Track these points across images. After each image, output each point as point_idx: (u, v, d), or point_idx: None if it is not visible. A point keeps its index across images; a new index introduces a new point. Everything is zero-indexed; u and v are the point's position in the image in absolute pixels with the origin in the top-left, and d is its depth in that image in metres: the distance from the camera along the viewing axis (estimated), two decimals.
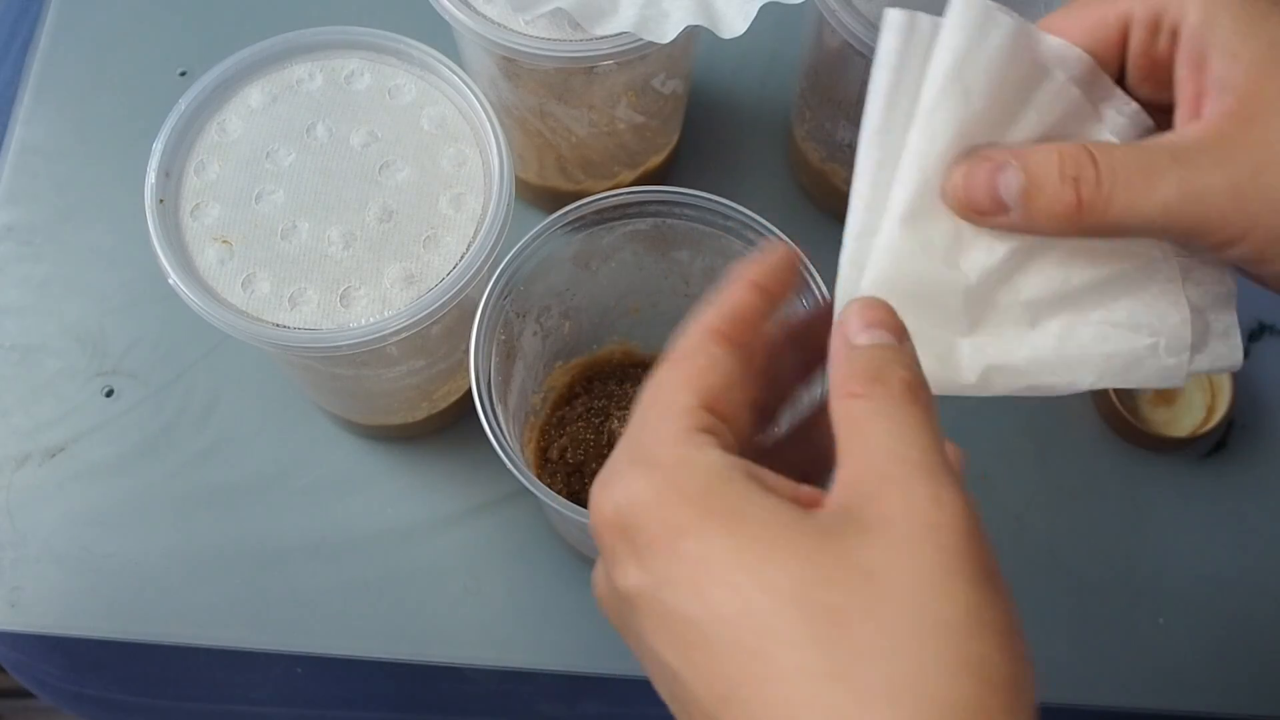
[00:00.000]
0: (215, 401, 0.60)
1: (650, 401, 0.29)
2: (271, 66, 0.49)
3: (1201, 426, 0.59)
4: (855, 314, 0.30)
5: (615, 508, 0.26)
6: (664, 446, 0.27)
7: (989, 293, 0.32)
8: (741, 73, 0.68)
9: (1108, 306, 0.33)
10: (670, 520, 0.25)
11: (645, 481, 0.26)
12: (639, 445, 0.28)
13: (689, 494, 0.26)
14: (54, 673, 0.59)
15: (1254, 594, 0.57)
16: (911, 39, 0.31)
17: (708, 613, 0.24)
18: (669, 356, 0.30)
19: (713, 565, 0.24)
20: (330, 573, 0.56)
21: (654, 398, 0.29)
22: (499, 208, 0.46)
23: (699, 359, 0.29)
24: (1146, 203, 0.30)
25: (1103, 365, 0.32)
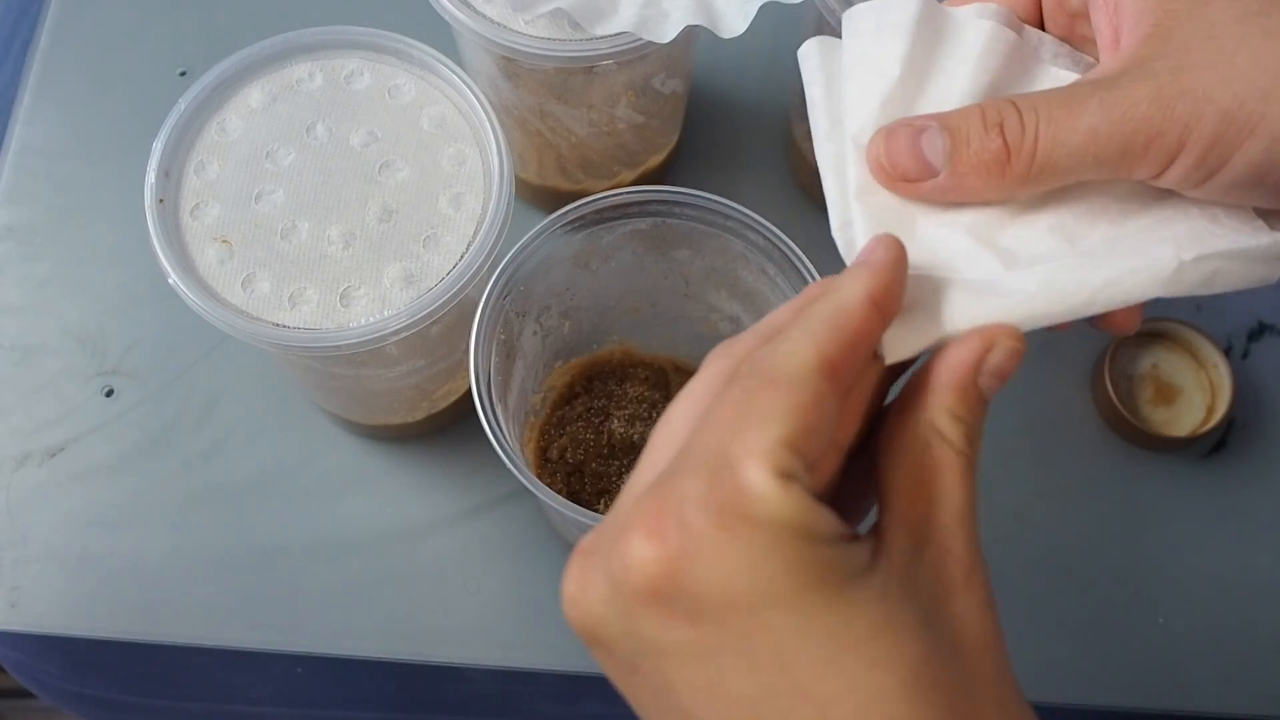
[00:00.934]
0: (215, 401, 0.60)
1: (733, 418, 0.24)
2: (271, 66, 0.49)
3: (1201, 426, 0.59)
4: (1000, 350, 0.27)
5: (672, 552, 0.23)
6: (750, 495, 0.23)
7: (1000, 235, 0.31)
8: (741, 73, 0.68)
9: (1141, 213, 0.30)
10: (757, 587, 0.23)
11: (723, 534, 0.23)
12: (712, 479, 0.24)
13: (781, 559, 0.23)
14: (54, 673, 0.59)
15: (1254, 594, 0.57)
16: (829, 51, 0.33)
17: (794, 689, 0.23)
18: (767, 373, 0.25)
19: (815, 642, 0.23)
20: (330, 573, 0.56)
21: (740, 415, 0.24)
22: (499, 207, 0.46)
23: (804, 393, 0.24)
24: (1073, 134, 0.28)
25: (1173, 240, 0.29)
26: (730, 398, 0.25)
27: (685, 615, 0.23)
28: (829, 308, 0.26)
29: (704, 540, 0.23)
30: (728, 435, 0.24)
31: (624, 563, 0.24)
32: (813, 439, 0.24)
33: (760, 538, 0.23)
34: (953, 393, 0.26)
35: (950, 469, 0.26)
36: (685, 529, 0.23)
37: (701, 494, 0.23)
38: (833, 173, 0.32)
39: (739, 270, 0.49)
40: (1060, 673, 0.55)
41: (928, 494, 0.26)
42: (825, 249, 0.50)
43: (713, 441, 0.24)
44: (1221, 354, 0.59)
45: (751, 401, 0.24)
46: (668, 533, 0.23)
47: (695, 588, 0.23)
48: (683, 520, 0.23)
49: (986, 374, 0.27)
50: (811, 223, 0.64)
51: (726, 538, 0.23)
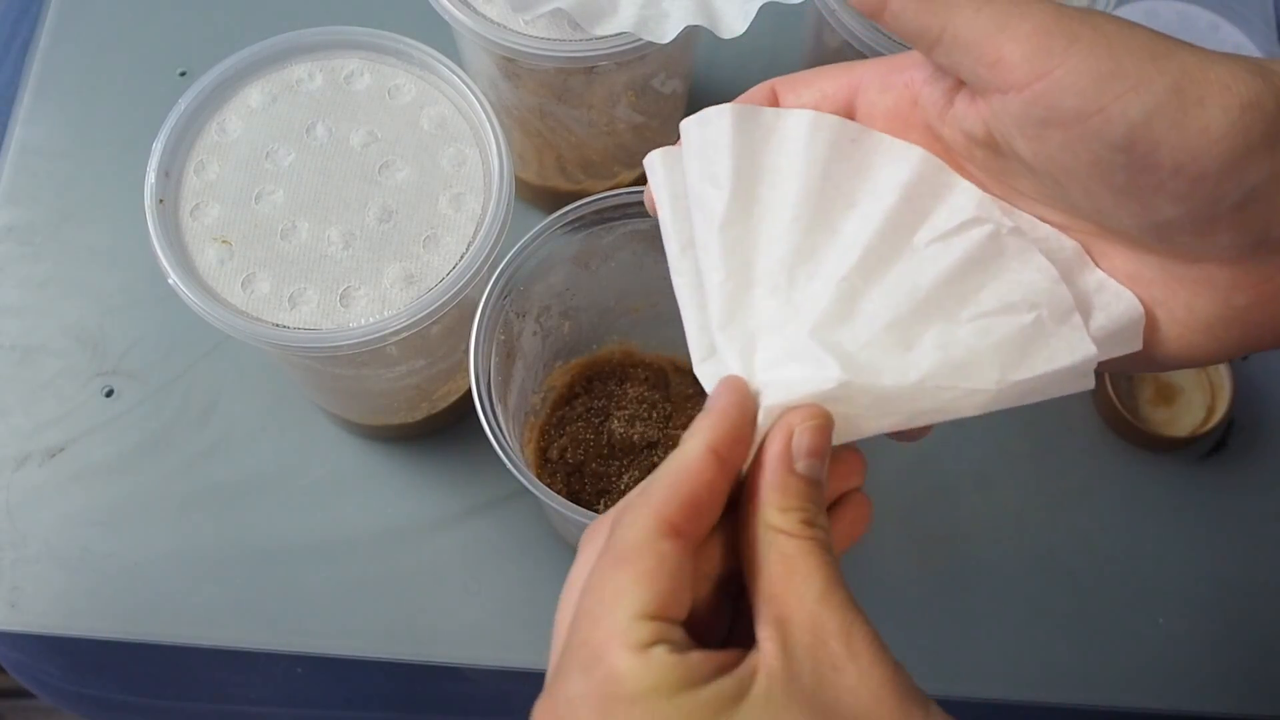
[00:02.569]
0: (215, 401, 0.60)
1: (592, 608, 0.27)
2: (271, 66, 0.49)
3: (1201, 426, 0.59)
4: (802, 432, 0.28)
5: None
6: (619, 678, 0.25)
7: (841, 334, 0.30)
8: (741, 73, 0.68)
9: (973, 300, 0.30)
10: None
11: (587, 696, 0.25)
12: (587, 676, 0.26)
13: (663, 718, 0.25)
14: (54, 673, 0.59)
15: (1254, 594, 0.57)
16: (672, 165, 0.32)
17: None
18: (614, 550, 0.27)
19: None
20: (330, 573, 0.56)
21: (596, 603, 0.26)
22: (499, 208, 0.46)
23: (646, 561, 0.26)
24: None
25: (997, 359, 0.29)
26: (590, 585, 0.27)
27: None
28: (670, 468, 0.28)
29: (573, 703, 0.25)
30: (590, 626, 0.26)
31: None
32: (666, 599, 0.26)
33: (638, 710, 0.25)
34: (773, 491, 0.28)
35: (798, 557, 0.27)
36: (563, 697, 0.26)
37: (583, 694, 0.25)
38: (692, 303, 0.31)
39: None
40: (1060, 673, 0.56)
41: (784, 590, 0.27)
42: None
43: (581, 635, 0.26)
44: None
45: (604, 585, 0.26)
46: (554, 703, 0.26)
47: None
48: (562, 687, 0.26)
49: (801, 459, 0.28)
50: None
51: (587, 698, 0.25)
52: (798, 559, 0.27)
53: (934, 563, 0.57)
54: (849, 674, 0.26)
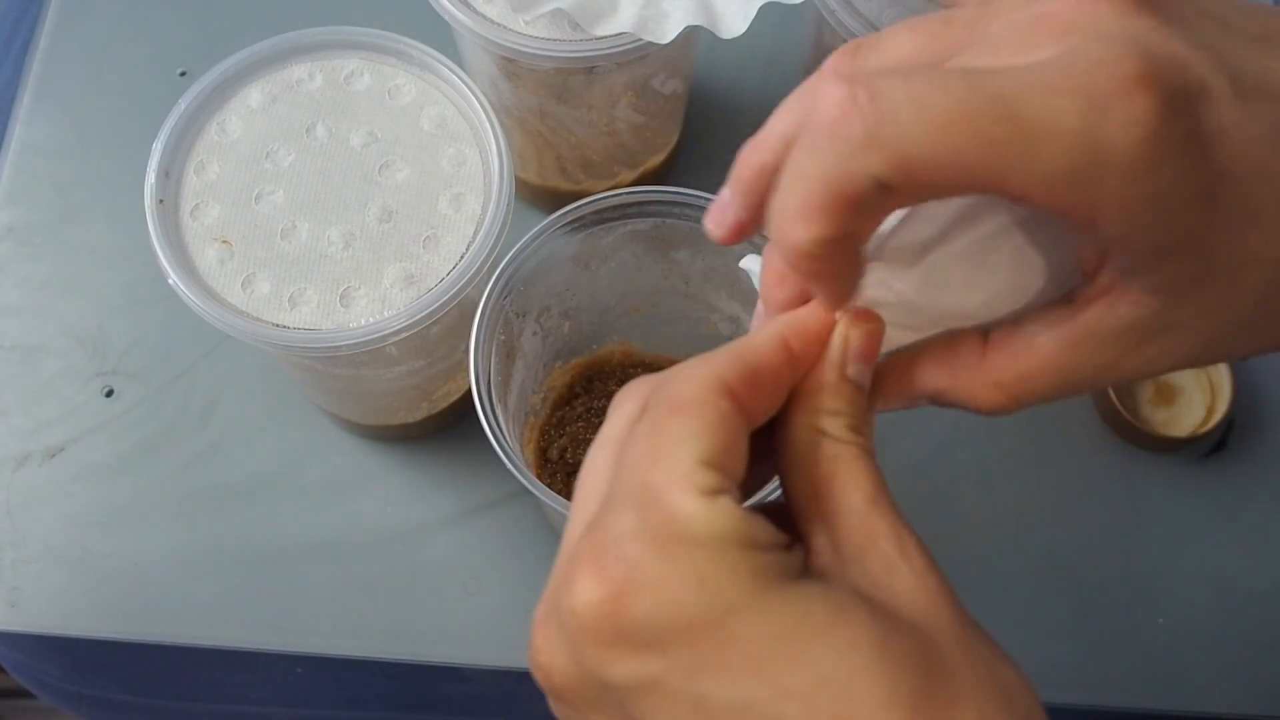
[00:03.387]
0: (215, 401, 0.60)
1: (646, 450, 0.25)
2: (271, 66, 0.49)
3: (1201, 426, 0.59)
4: (858, 337, 0.28)
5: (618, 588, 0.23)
6: (681, 517, 0.24)
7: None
8: (741, 73, 0.68)
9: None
10: (711, 600, 0.23)
11: (664, 559, 0.23)
12: (642, 512, 0.24)
13: (728, 569, 0.23)
14: (54, 673, 0.59)
15: (1254, 594, 0.57)
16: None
17: (776, 691, 0.23)
18: (669, 400, 0.25)
19: (781, 641, 0.23)
20: (330, 573, 0.56)
21: (651, 446, 0.25)
22: (499, 208, 0.46)
23: (707, 412, 0.25)
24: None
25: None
26: (641, 431, 0.26)
27: (650, 647, 0.23)
28: (734, 345, 0.27)
29: (647, 569, 0.23)
30: (646, 466, 0.25)
31: (574, 613, 0.24)
32: (727, 456, 0.25)
33: (701, 554, 0.23)
34: (826, 393, 0.27)
35: (847, 460, 0.26)
36: (626, 563, 0.23)
37: (634, 528, 0.24)
38: None
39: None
40: (1060, 673, 0.55)
41: (831, 492, 0.26)
42: None
43: (634, 476, 0.25)
44: None
45: (660, 430, 0.25)
46: (609, 571, 0.24)
47: (651, 617, 0.23)
48: (621, 556, 0.24)
49: (852, 364, 0.28)
50: None
51: (668, 562, 0.23)
52: (846, 462, 0.26)
53: None
54: (903, 576, 0.25)
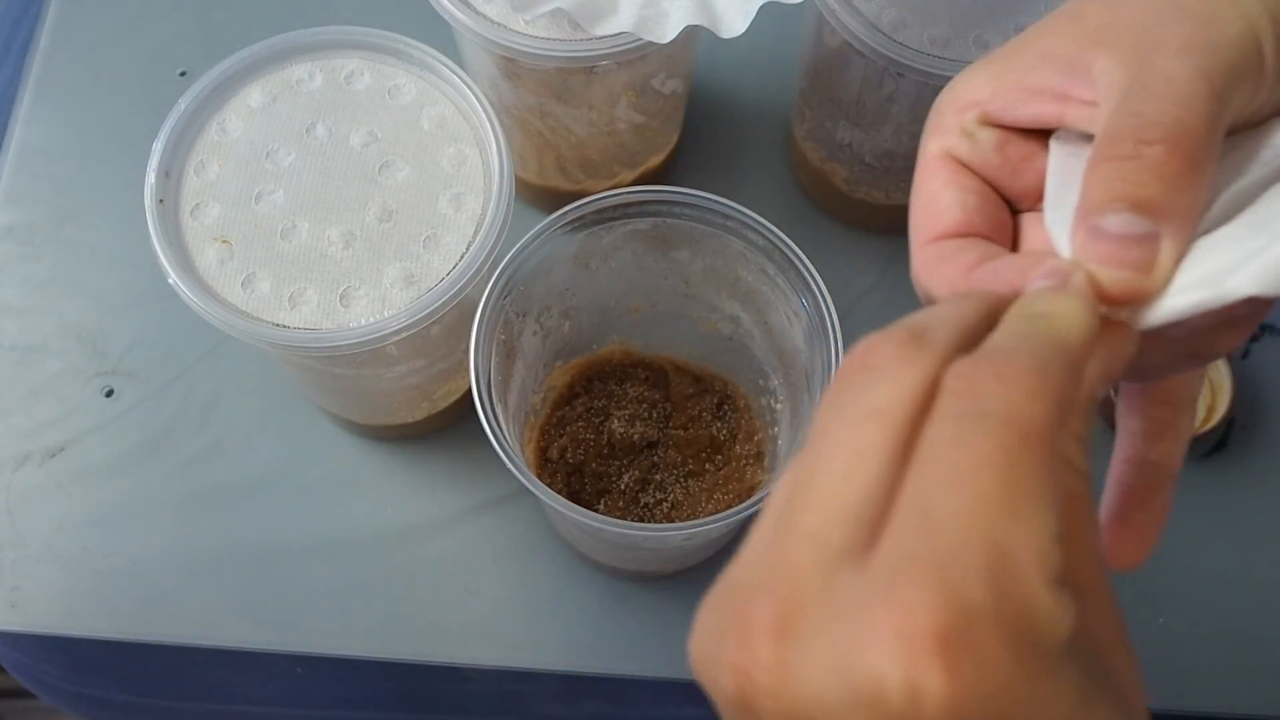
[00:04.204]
0: (215, 401, 0.60)
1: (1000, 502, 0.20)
2: (271, 66, 0.49)
3: (1201, 426, 0.59)
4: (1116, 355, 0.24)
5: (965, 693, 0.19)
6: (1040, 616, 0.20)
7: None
8: (741, 73, 0.68)
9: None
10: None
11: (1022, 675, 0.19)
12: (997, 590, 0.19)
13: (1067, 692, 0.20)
14: (54, 673, 0.59)
15: (1254, 594, 0.57)
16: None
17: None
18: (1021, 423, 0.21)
19: None
20: (330, 573, 0.56)
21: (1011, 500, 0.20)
22: (499, 208, 0.46)
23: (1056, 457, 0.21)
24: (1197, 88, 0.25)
25: None
26: (979, 453, 0.20)
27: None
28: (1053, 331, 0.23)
29: (999, 679, 0.19)
30: (1000, 521, 0.20)
31: (883, 681, 0.19)
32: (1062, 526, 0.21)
33: (1046, 671, 0.20)
34: (1078, 414, 0.23)
35: (1084, 502, 0.22)
36: (980, 662, 0.19)
37: (992, 609, 0.19)
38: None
39: (739, 270, 0.49)
40: None
41: (1078, 535, 0.22)
42: (825, 249, 0.50)
43: (977, 525, 0.20)
44: None
45: (1016, 472, 0.20)
46: (960, 662, 0.19)
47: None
48: (977, 648, 0.19)
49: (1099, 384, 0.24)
50: (811, 222, 0.65)
51: (1025, 678, 0.19)
52: (1085, 503, 0.22)
53: None
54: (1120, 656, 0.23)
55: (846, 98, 0.55)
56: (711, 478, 0.55)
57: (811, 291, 0.45)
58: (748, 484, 0.55)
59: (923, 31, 0.50)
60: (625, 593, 0.56)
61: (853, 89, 0.54)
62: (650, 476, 0.55)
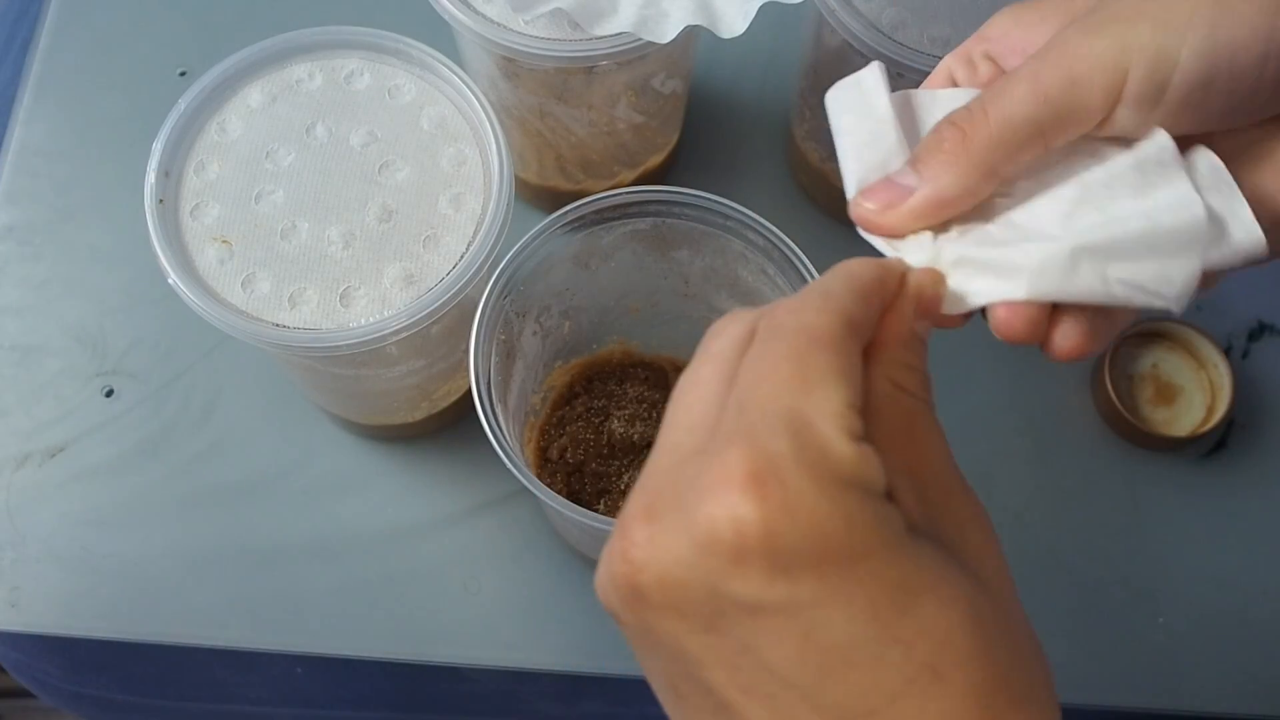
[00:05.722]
0: (215, 401, 0.60)
1: (791, 376, 0.25)
2: (271, 66, 0.49)
3: (1201, 426, 0.59)
4: (928, 297, 0.29)
5: (773, 511, 0.24)
6: (836, 456, 0.24)
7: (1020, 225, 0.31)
8: (741, 73, 0.68)
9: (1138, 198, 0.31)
10: (853, 542, 0.24)
11: (820, 493, 0.24)
12: (797, 440, 0.24)
13: (870, 516, 0.24)
14: (54, 673, 0.59)
15: (1254, 594, 0.57)
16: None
17: (884, 634, 0.24)
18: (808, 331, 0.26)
19: (898, 590, 0.24)
20: (330, 573, 0.56)
21: (798, 373, 0.25)
22: (499, 208, 0.46)
23: (849, 354, 0.26)
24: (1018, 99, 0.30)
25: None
26: (777, 354, 0.26)
27: (783, 573, 0.24)
28: (840, 276, 0.28)
29: (805, 499, 0.24)
30: (796, 395, 0.25)
31: (714, 522, 0.24)
32: (859, 400, 0.26)
33: (852, 497, 0.24)
34: (903, 346, 0.28)
35: (922, 415, 0.27)
36: (786, 489, 0.24)
37: (792, 453, 0.24)
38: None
39: (739, 270, 0.49)
40: (1060, 673, 0.55)
41: (911, 444, 0.27)
42: (825, 249, 0.49)
43: (778, 400, 0.25)
44: (1221, 354, 0.59)
45: (806, 361, 0.25)
46: (767, 490, 0.24)
47: (795, 545, 0.24)
48: (781, 479, 0.24)
49: (920, 319, 0.29)
50: (811, 222, 0.65)
51: (825, 498, 0.24)
52: (923, 417, 0.27)
53: None
54: (975, 535, 0.27)
55: None
56: None
57: None
58: None
59: (923, 31, 0.50)
60: None
61: None
62: None
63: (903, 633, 0.24)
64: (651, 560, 0.25)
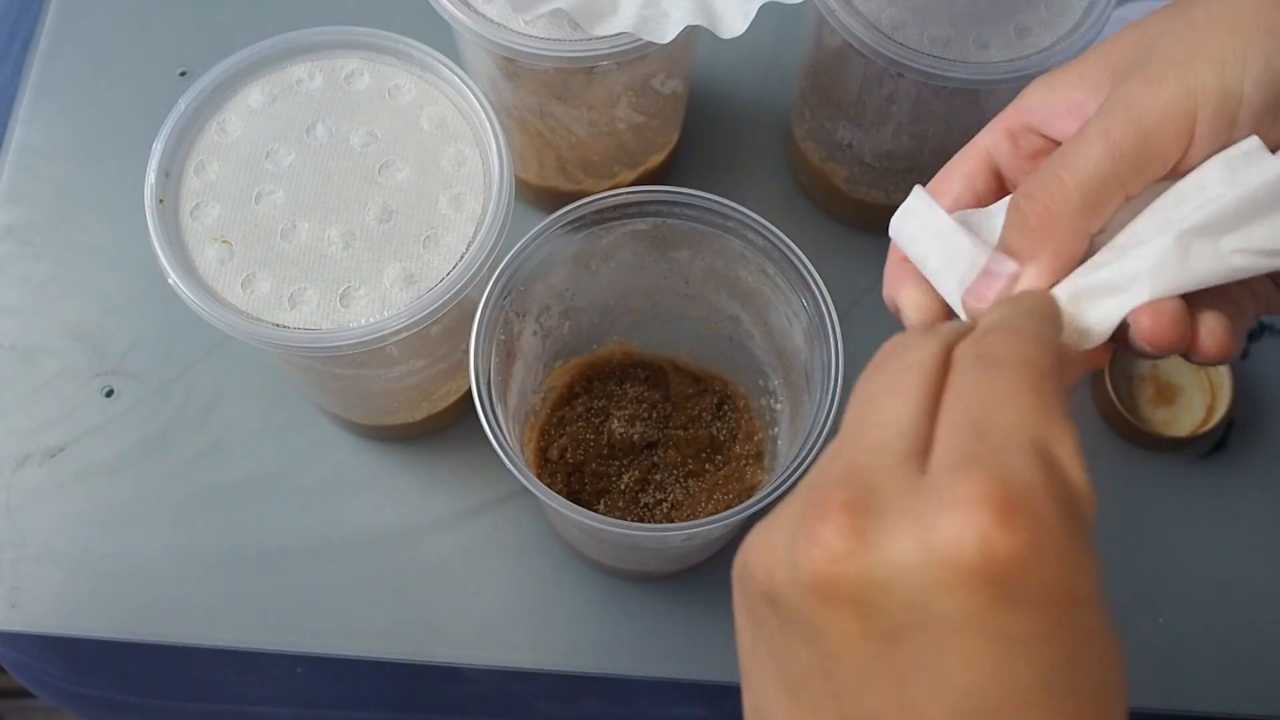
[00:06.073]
0: (215, 401, 0.60)
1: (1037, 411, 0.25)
2: (271, 66, 0.49)
3: (1201, 426, 0.59)
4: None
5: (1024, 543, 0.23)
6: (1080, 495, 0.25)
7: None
8: (741, 73, 0.68)
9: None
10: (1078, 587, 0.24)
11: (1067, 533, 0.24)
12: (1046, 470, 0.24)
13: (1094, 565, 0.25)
14: (54, 673, 0.59)
15: (1254, 594, 0.57)
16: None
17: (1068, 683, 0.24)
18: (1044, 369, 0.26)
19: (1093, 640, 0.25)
20: (330, 573, 0.56)
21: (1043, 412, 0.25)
22: (499, 208, 0.46)
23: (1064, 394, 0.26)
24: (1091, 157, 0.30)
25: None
26: (1012, 383, 0.26)
27: (1013, 602, 0.23)
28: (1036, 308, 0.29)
29: (1055, 534, 0.24)
30: (1039, 426, 0.25)
31: (960, 541, 0.23)
32: None
33: (1087, 538, 0.24)
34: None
35: None
36: (1038, 521, 0.23)
37: (1044, 485, 0.24)
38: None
39: (739, 270, 0.49)
40: None
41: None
42: (825, 249, 0.50)
43: (1024, 429, 0.25)
44: None
45: (1042, 395, 0.25)
46: (1022, 521, 0.23)
47: (1034, 578, 0.23)
48: (1035, 511, 0.23)
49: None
50: (811, 223, 0.65)
51: (1071, 536, 0.24)
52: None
53: None
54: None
55: (846, 98, 0.55)
56: (711, 478, 0.55)
57: (811, 291, 0.45)
58: (747, 484, 0.55)
59: (923, 31, 0.50)
60: (625, 593, 0.56)
61: (853, 89, 0.54)
62: (650, 476, 0.55)
63: (1082, 685, 0.24)
64: (859, 554, 0.24)
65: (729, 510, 0.42)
